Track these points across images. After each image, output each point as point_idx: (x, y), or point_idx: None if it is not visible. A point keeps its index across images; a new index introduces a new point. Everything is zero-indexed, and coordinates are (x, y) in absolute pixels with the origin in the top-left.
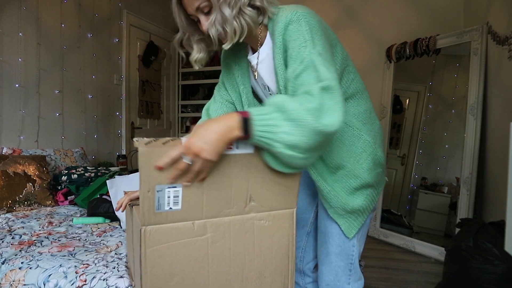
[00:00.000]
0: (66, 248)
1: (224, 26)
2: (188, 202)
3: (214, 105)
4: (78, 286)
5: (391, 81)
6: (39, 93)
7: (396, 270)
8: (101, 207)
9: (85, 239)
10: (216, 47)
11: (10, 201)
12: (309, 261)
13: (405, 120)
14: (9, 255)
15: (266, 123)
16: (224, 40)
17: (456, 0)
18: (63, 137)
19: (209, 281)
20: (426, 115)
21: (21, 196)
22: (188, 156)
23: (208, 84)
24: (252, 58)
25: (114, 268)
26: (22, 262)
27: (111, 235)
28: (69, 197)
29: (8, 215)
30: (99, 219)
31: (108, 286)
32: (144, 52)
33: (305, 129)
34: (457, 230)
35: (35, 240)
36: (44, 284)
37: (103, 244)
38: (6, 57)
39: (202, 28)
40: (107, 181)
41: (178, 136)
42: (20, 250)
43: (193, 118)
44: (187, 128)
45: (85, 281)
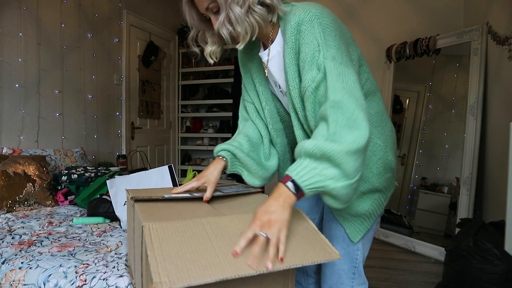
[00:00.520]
0: (66, 248)
1: (234, 25)
2: None
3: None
4: (78, 286)
5: (391, 81)
6: (39, 93)
7: (396, 270)
8: (101, 207)
9: (85, 239)
10: (230, 43)
11: (10, 201)
12: None
13: (405, 120)
14: (9, 255)
15: (305, 173)
16: (237, 38)
17: (456, 0)
18: (63, 137)
19: None
20: (426, 115)
21: (21, 196)
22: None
23: (208, 84)
24: (263, 55)
25: (114, 267)
26: (22, 262)
27: (111, 235)
28: (69, 197)
29: (8, 215)
30: (99, 219)
31: (108, 286)
32: (144, 52)
33: (338, 156)
34: (457, 230)
35: (35, 240)
36: (44, 284)
37: (103, 244)
38: (6, 57)
39: (214, 27)
40: (107, 181)
41: (178, 136)
42: (20, 250)
43: (193, 118)
44: (187, 128)
45: (85, 281)
